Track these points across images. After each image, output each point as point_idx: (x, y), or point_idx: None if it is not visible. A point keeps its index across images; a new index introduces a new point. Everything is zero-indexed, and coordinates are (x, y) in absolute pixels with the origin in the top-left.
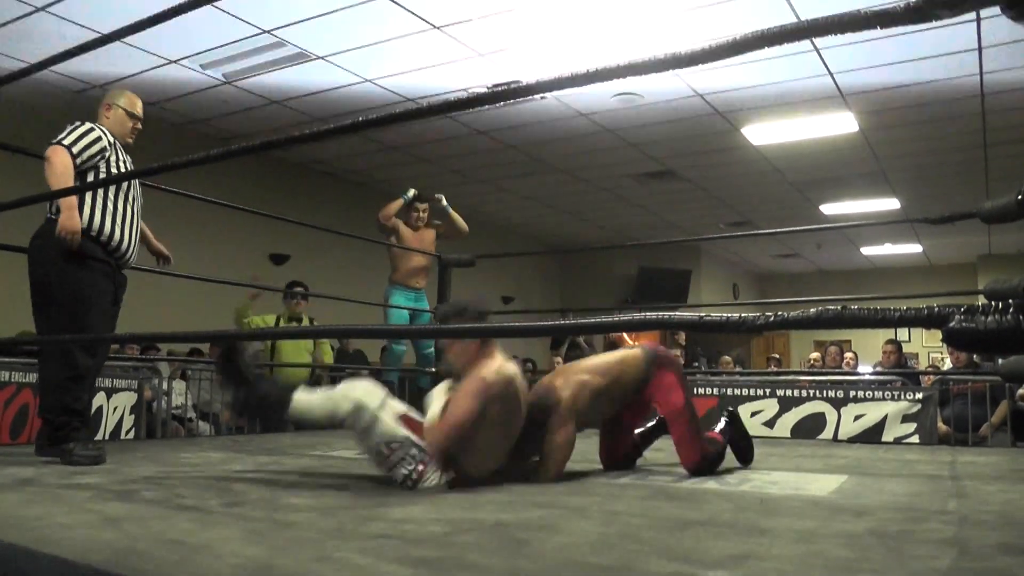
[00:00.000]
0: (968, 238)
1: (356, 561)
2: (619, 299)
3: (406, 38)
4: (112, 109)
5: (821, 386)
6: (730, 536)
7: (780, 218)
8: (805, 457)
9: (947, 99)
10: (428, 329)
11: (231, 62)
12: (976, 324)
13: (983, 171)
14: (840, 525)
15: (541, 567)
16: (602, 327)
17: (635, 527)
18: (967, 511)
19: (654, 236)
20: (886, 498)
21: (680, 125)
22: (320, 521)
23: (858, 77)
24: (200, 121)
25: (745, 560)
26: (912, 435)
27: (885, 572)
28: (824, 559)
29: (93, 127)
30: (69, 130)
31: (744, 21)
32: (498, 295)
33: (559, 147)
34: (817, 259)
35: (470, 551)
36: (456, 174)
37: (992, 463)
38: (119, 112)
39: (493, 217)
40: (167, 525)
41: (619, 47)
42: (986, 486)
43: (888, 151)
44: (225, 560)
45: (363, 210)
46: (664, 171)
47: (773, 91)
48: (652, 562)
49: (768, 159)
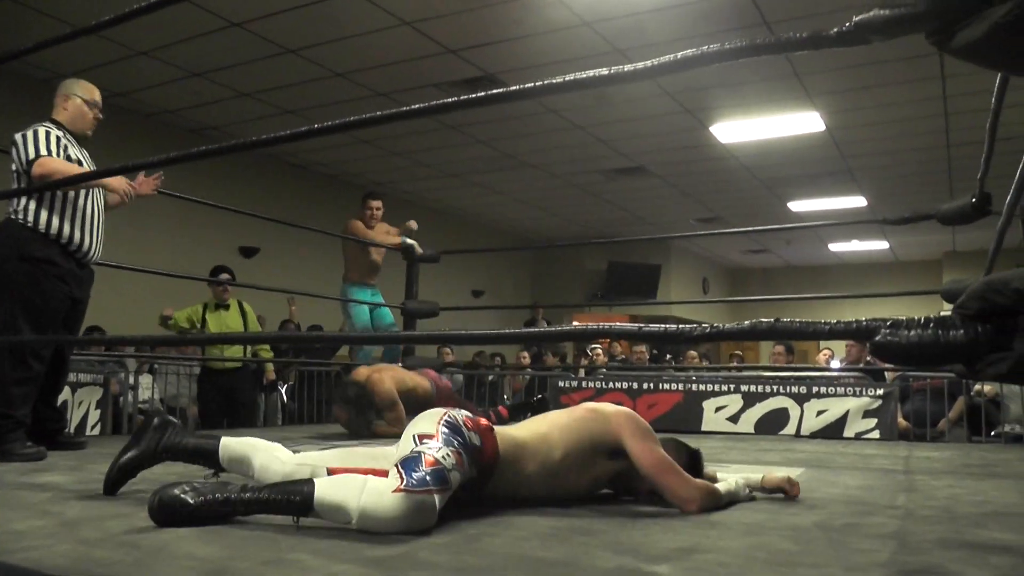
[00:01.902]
0: (934, 236)
1: (308, 563)
2: (589, 294)
3: (377, 33)
4: (70, 100)
5: (784, 382)
6: (680, 529)
7: (749, 214)
8: (765, 451)
9: (911, 100)
10: (391, 336)
11: (200, 55)
12: (899, 338)
13: (947, 171)
14: (789, 518)
15: (489, 563)
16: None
17: (587, 521)
18: (914, 505)
19: (624, 231)
20: (838, 491)
21: (649, 122)
22: (276, 519)
23: (824, 78)
24: (170, 112)
25: (690, 553)
26: (873, 430)
27: (824, 565)
28: (767, 552)
29: (48, 130)
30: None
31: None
32: (468, 289)
33: (529, 143)
34: (787, 255)
35: (422, 549)
36: (427, 168)
37: (945, 458)
38: (77, 102)
39: (464, 211)
40: (125, 527)
41: (586, 39)
42: (935, 481)
43: (854, 150)
44: (180, 563)
45: (333, 203)
46: (634, 167)
47: (740, 91)
48: (599, 556)
49: (736, 157)
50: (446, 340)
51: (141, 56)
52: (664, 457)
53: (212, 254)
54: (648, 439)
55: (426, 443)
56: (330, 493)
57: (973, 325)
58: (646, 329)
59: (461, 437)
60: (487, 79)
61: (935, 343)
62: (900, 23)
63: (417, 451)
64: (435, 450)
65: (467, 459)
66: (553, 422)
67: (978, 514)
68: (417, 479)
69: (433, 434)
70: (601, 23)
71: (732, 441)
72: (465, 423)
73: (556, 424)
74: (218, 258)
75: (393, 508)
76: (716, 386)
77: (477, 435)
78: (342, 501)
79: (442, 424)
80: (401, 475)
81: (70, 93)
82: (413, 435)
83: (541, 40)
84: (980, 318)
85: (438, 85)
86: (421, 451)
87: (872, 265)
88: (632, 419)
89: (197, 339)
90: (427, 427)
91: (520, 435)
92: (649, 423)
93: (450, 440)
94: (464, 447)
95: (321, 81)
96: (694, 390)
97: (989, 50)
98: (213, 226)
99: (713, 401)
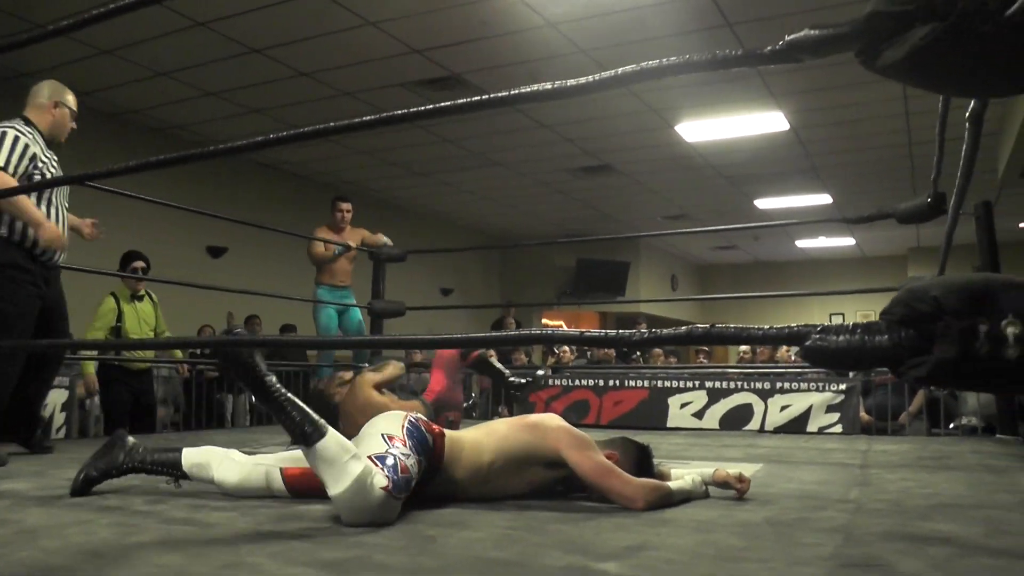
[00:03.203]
0: (899, 231)
1: (265, 566)
2: (558, 291)
3: (342, 33)
4: (59, 108)
5: (749, 378)
6: (632, 527)
7: (716, 212)
8: (728, 447)
9: (873, 100)
10: (355, 340)
11: (165, 55)
12: (828, 343)
13: (910, 169)
14: (741, 514)
15: (442, 564)
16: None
17: (542, 520)
18: (865, 499)
19: (593, 229)
20: (794, 486)
21: (615, 121)
22: (239, 521)
23: (788, 78)
24: (135, 111)
25: (639, 551)
26: (836, 424)
27: (769, 559)
28: (715, 548)
29: (17, 135)
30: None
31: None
32: (437, 287)
33: (496, 141)
34: (755, 251)
35: (377, 551)
36: (395, 167)
37: (902, 451)
38: (65, 112)
39: (433, 210)
40: (86, 534)
41: (550, 40)
42: (889, 474)
43: (819, 149)
44: (140, 570)
45: (302, 202)
46: (601, 166)
47: (705, 91)
48: (550, 555)
49: (702, 155)
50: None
51: (105, 55)
52: (602, 462)
53: (179, 253)
54: (584, 448)
55: (395, 445)
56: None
57: (897, 330)
58: (587, 335)
59: (421, 439)
60: (453, 79)
61: (861, 348)
62: (829, 43)
63: (392, 453)
64: (406, 457)
65: (424, 461)
66: (491, 431)
67: (926, 507)
68: (397, 484)
69: (397, 436)
70: (565, 24)
71: (696, 437)
72: (424, 425)
73: (493, 433)
74: (185, 258)
75: (375, 504)
76: (681, 383)
77: (431, 437)
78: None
79: (406, 427)
80: (388, 477)
81: (60, 101)
82: (381, 433)
83: (506, 40)
84: (904, 324)
85: (404, 85)
86: (396, 455)
87: (839, 261)
88: (568, 432)
89: (160, 343)
90: (392, 428)
91: (460, 441)
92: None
93: (414, 446)
94: (423, 449)
95: (287, 80)
96: (659, 387)
97: (910, 70)
98: (180, 225)
99: (678, 397)
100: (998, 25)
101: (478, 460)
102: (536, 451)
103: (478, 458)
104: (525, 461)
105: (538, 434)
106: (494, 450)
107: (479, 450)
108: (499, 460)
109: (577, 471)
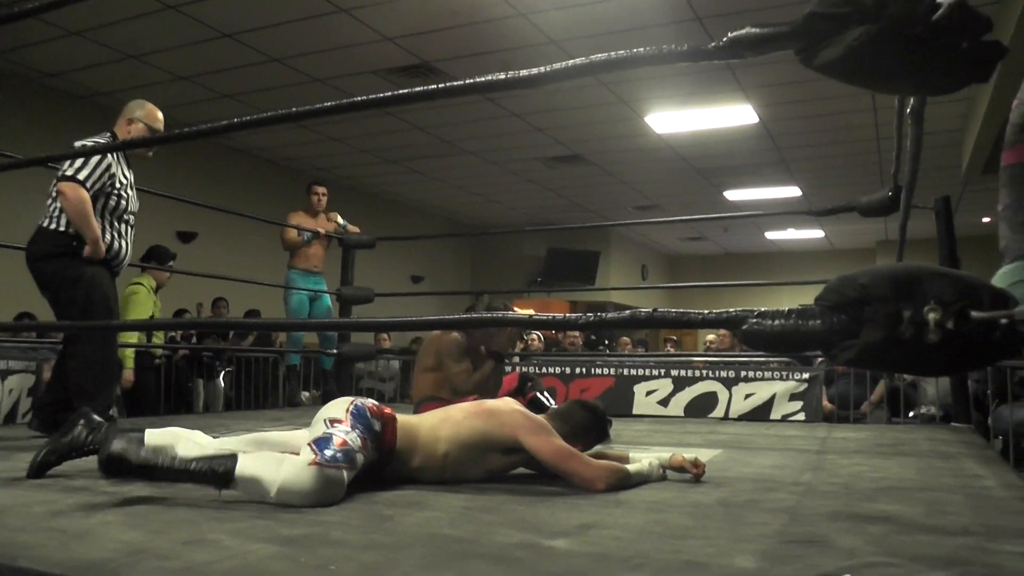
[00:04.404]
0: (867, 225)
1: (225, 542)
2: (529, 279)
3: (314, 19)
4: (133, 124)
5: (714, 367)
6: (586, 507)
7: (686, 203)
8: (690, 433)
9: (842, 94)
10: (327, 323)
11: (135, 38)
12: (764, 327)
13: (878, 163)
14: (694, 496)
15: (396, 540)
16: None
17: (499, 501)
18: (817, 482)
19: (563, 218)
20: (750, 471)
21: (585, 112)
22: (201, 501)
23: (757, 71)
24: (105, 94)
25: (589, 529)
26: (799, 413)
27: (714, 537)
28: (664, 526)
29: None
30: (82, 161)
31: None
32: (408, 275)
33: (467, 130)
34: (724, 242)
35: (335, 529)
36: (366, 154)
37: (861, 438)
38: (140, 127)
39: (403, 197)
40: (50, 512)
41: (521, 30)
42: (844, 459)
43: (788, 142)
44: (104, 545)
45: (273, 187)
46: (571, 155)
47: (674, 83)
48: (502, 533)
49: (672, 147)
50: (371, 328)
51: (74, 36)
52: (562, 446)
53: (148, 238)
54: (543, 432)
55: (336, 426)
56: (251, 467)
57: (829, 316)
58: (536, 318)
59: (366, 423)
60: (424, 67)
61: (796, 331)
62: (770, 41)
63: (328, 433)
64: (344, 433)
65: (371, 443)
66: (447, 417)
67: (873, 489)
68: (329, 456)
69: (342, 419)
70: (536, 15)
71: (659, 424)
72: (370, 410)
73: (448, 420)
74: (155, 242)
75: (308, 481)
76: (647, 371)
77: (379, 422)
78: (261, 474)
79: (350, 411)
80: (315, 451)
81: (134, 117)
82: (324, 419)
83: (477, 29)
84: (835, 309)
85: (376, 72)
86: (332, 433)
87: (808, 253)
88: (525, 416)
89: (134, 325)
90: (337, 413)
91: (416, 427)
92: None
93: (356, 425)
94: (368, 432)
95: (258, 66)
96: (625, 375)
97: (845, 69)
98: (150, 210)
99: (644, 385)
100: (927, 28)
101: (433, 448)
102: (493, 438)
103: (433, 445)
104: (482, 448)
105: (494, 421)
106: (449, 438)
107: (435, 437)
108: (454, 448)
109: (537, 456)
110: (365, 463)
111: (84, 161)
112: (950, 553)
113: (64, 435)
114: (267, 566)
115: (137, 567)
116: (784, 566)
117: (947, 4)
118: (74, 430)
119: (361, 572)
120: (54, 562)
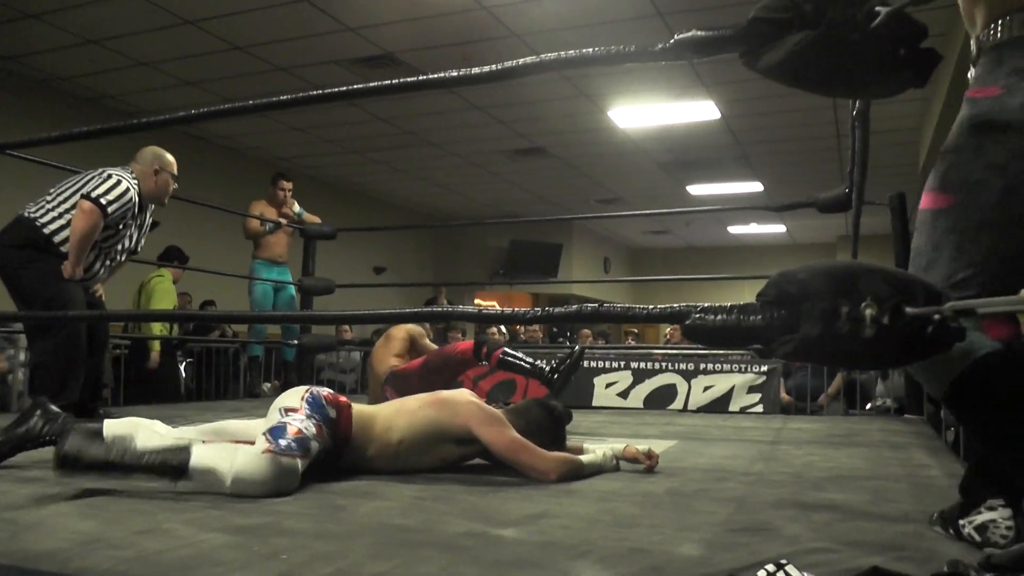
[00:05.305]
0: (828, 220)
1: (179, 531)
2: (491, 271)
3: (276, 8)
4: (161, 175)
5: (673, 359)
6: (536, 498)
7: (649, 197)
8: (647, 425)
9: (801, 92)
10: (292, 315)
11: (95, 22)
12: (706, 322)
13: (838, 160)
14: (645, 486)
15: (347, 530)
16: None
17: (452, 491)
18: (768, 472)
19: (526, 210)
20: (703, 461)
21: (548, 105)
22: (158, 491)
23: (718, 68)
24: (65, 79)
25: (539, 518)
26: (757, 405)
27: (661, 525)
28: (612, 516)
29: (129, 187)
30: (110, 185)
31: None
32: (370, 266)
33: (430, 121)
34: (687, 236)
35: (288, 518)
36: (329, 144)
37: (815, 430)
38: (166, 177)
39: (365, 188)
40: (4, 504)
41: (483, 22)
42: (796, 450)
43: (749, 138)
44: (57, 535)
45: (234, 176)
46: (534, 148)
47: (637, 78)
48: (452, 523)
49: (635, 141)
50: (333, 320)
51: (31, 19)
52: (515, 438)
53: None
54: (496, 424)
55: (291, 415)
56: (205, 458)
57: (769, 311)
58: (485, 312)
59: (321, 411)
60: (386, 57)
61: (737, 326)
62: (714, 44)
63: (283, 422)
64: (299, 421)
65: (327, 430)
66: (401, 407)
67: (822, 478)
68: (284, 445)
69: (297, 408)
70: (498, 8)
71: (617, 416)
72: (326, 398)
73: (403, 410)
74: None
75: (263, 469)
76: (607, 363)
77: (335, 409)
78: (216, 465)
79: (305, 398)
80: (269, 440)
81: (162, 168)
82: (280, 408)
83: (439, 21)
84: (775, 304)
85: (338, 62)
86: (286, 422)
87: (770, 247)
88: (479, 408)
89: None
90: (292, 401)
91: (372, 416)
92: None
93: (311, 413)
94: (324, 419)
95: (220, 54)
96: (585, 367)
97: (787, 72)
98: None
99: (604, 377)
100: (865, 35)
101: (387, 437)
102: (446, 428)
103: (387, 434)
104: (435, 438)
105: (448, 411)
106: (403, 427)
107: (389, 426)
108: (408, 438)
109: (490, 448)
110: (320, 451)
111: (112, 188)
112: (889, 539)
113: (19, 425)
114: (220, 555)
115: (89, 557)
116: (727, 553)
117: (885, 12)
118: (30, 420)
119: (312, 561)
120: (4, 553)
